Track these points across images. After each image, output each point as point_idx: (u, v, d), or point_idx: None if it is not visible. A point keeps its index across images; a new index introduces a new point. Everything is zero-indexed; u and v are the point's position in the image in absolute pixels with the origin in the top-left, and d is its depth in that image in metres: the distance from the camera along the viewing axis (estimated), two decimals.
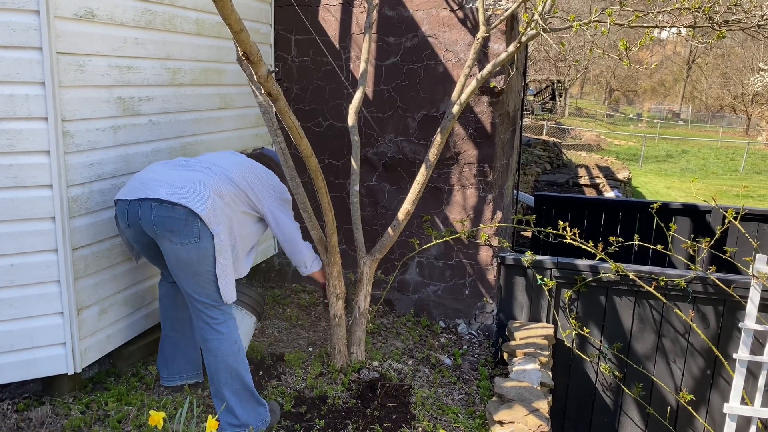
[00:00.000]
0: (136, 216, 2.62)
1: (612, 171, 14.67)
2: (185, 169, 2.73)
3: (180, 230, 2.54)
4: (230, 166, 2.82)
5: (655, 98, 49.66)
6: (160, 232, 2.58)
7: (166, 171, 2.71)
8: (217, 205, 2.63)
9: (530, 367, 3.44)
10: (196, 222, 2.54)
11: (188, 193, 2.58)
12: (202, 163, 2.80)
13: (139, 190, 2.62)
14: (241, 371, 2.71)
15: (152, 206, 2.57)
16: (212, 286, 2.64)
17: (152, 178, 2.66)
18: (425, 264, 4.27)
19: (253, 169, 2.91)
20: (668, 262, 5.64)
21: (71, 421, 2.66)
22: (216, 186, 2.67)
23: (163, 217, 2.56)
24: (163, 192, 2.57)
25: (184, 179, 2.65)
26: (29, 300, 2.65)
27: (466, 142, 4.02)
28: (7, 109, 2.48)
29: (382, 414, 3.00)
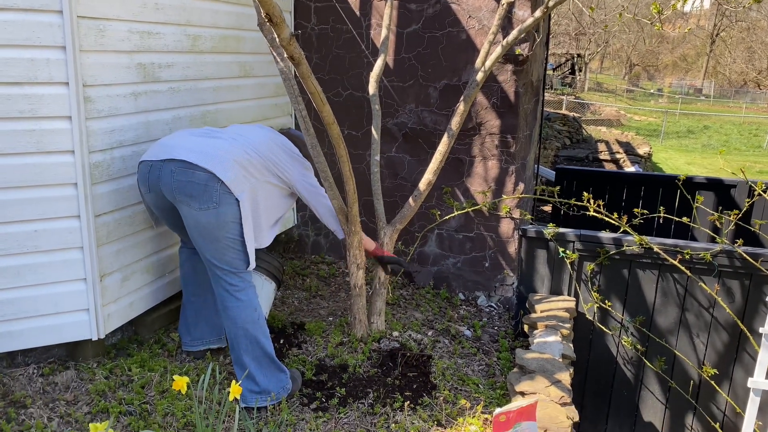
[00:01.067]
0: (157, 180, 2.62)
1: (632, 146, 14.46)
2: (210, 137, 2.73)
3: (199, 195, 2.53)
4: (257, 137, 2.82)
5: (676, 73, 48.73)
6: (179, 197, 2.57)
7: (191, 138, 2.71)
8: (240, 173, 2.62)
9: (551, 339, 3.41)
10: (215, 187, 2.54)
11: (211, 159, 2.57)
12: (228, 133, 2.80)
13: (163, 152, 2.62)
14: (261, 338, 2.71)
15: (173, 171, 2.57)
16: (231, 252, 2.63)
17: (176, 144, 2.66)
18: (445, 236, 4.23)
19: (279, 142, 2.90)
20: (691, 237, 5.55)
21: (96, 386, 2.68)
22: (239, 155, 2.66)
23: (183, 182, 2.55)
24: (186, 155, 2.57)
25: (209, 146, 2.64)
26: (53, 266, 2.66)
27: (488, 112, 3.95)
28: (28, 74, 2.46)
29: (402, 383, 3.00)
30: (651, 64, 47.87)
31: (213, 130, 2.82)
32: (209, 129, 2.84)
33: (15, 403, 2.54)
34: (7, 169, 2.51)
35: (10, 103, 2.46)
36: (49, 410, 2.52)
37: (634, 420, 4.09)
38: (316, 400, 2.81)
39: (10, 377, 2.69)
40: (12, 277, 2.60)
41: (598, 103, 27.36)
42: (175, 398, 2.66)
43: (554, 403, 2.81)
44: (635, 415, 4.08)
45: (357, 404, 2.80)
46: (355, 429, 2.64)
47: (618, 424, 4.13)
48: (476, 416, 2.82)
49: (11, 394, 2.59)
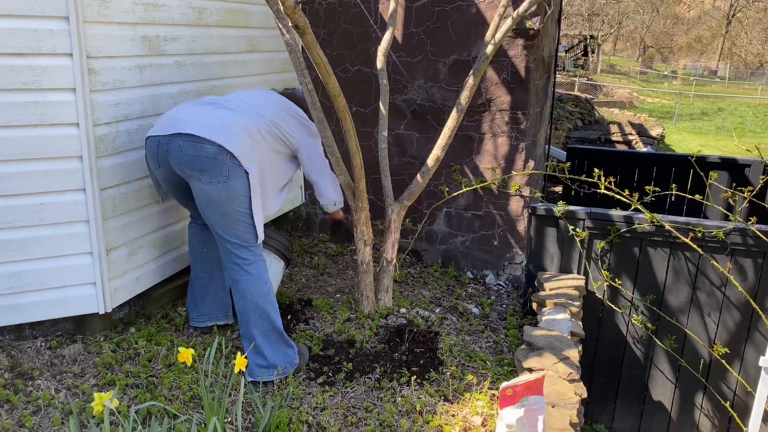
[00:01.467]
0: (165, 155, 2.59)
1: (645, 128, 14.28)
2: (215, 107, 2.69)
3: (209, 169, 2.51)
4: (261, 103, 2.79)
5: (691, 55, 48.03)
6: (189, 172, 2.55)
7: (196, 109, 2.68)
8: (248, 144, 2.59)
9: (560, 316, 3.38)
10: (224, 161, 2.51)
11: (218, 131, 2.55)
12: (232, 101, 2.75)
13: (170, 126, 2.59)
14: (270, 312, 2.70)
15: (181, 145, 2.54)
16: (242, 226, 2.62)
17: (182, 117, 2.62)
18: (453, 215, 4.20)
19: (284, 106, 2.87)
20: (703, 217, 5.48)
21: (103, 359, 2.69)
22: (246, 124, 2.64)
23: (192, 156, 2.53)
24: (194, 128, 2.53)
25: (215, 117, 2.62)
26: (59, 239, 2.66)
27: (498, 88, 3.89)
28: (32, 45, 2.44)
29: (410, 359, 2.98)
30: (665, 46, 47.21)
31: (217, 99, 2.79)
32: (213, 98, 2.81)
33: (23, 374, 2.55)
34: (11, 141, 2.49)
35: (14, 74, 2.44)
36: (57, 382, 2.53)
37: (643, 399, 4.07)
38: (323, 375, 2.80)
39: (17, 349, 2.71)
40: (18, 250, 2.60)
41: (610, 85, 27.04)
42: (181, 371, 2.67)
43: (562, 379, 2.79)
44: (644, 394, 4.06)
45: (364, 379, 2.80)
46: (361, 403, 2.63)
47: (627, 403, 4.11)
48: (483, 392, 2.80)
49: (19, 366, 2.60)
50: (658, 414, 4.07)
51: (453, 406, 2.69)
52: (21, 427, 2.26)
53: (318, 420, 2.47)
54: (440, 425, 2.54)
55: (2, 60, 2.40)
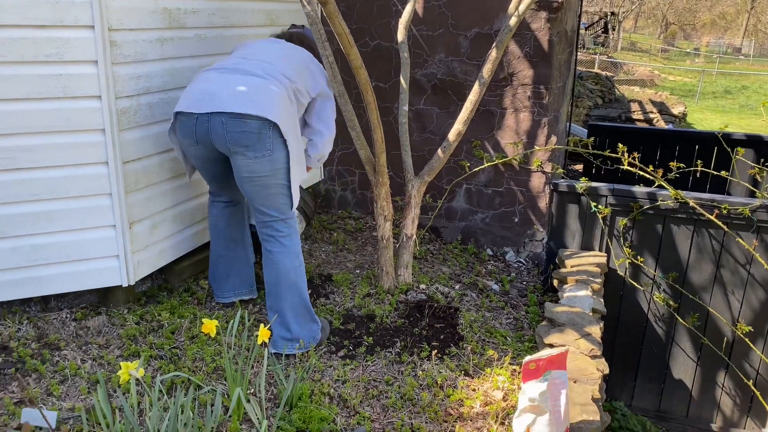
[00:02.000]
0: (207, 133, 2.53)
1: (666, 106, 14.07)
2: (245, 74, 2.60)
3: (254, 144, 2.49)
4: (282, 61, 2.72)
5: (714, 32, 47.01)
6: (234, 148, 2.52)
7: (228, 79, 2.58)
8: (285, 112, 2.57)
9: (582, 293, 3.36)
10: (268, 134, 2.50)
11: (258, 104, 2.49)
12: (256, 64, 2.66)
13: (206, 102, 2.51)
14: (301, 286, 2.72)
15: (224, 122, 2.48)
16: (280, 198, 2.63)
17: (217, 91, 2.53)
18: (473, 191, 4.17)
19: (302, 61, 2.82)
20: (727, 194, 5.39)
21: (127, 331, 2.72)
22: (280, 92, 2.59)
23: (237, 133, 2.49)
24: (234, 104, 2.47)
25: (251, 88, 2.53)
26: (83, 212, 2.68)
27: (521, 62, 3.83)
28: (54, 17, 2.43)
29: (429, 334, 2.99)
30: (688, 23, 46.22)
31: (242, 63, 2.67)
32: (237, 61, 2.70)
33: (49, 345, 2.59)
34: (35, 114, 2.50)
35: (36, 46, 2.44)
36: (82, 353, 2.57)
37: (664, 377, 4.05)
38: (344, 348, 2.81)
39: (44, 321, 2.74)
40: (44, 223, 2.63)
41: (631, 63, 26.58)
42: (204, 344, 2.69)
43: (584, 355, 2.77)
44: (665, 372, 4.03)
45: (384, 353, 2.80)
46: (382, 376, 2.64)
47: (647, 381, 4.10)
48: (504, 367, 2.80)
49: (46, 336, 2.64)
50: (678, 392, 4.05)
51: (474, 381, 2.69)
52: (49, 395, 2.30)
53: (339, 392, 2.49)
54: (461, 399, 2.54)
55: (25, 32, 2.40)
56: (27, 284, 2.67)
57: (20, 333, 2.65)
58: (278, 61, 2.71)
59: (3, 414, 2.17)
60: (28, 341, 2.60)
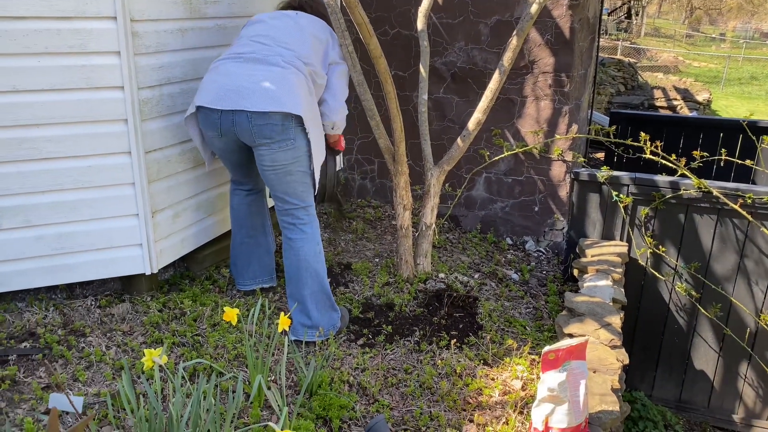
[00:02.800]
0: (231, 126, 2.58)
1: (690, 93, 13.82)
2: (264, 64, 2.60)
3: (277, 135, 2.55)
4: (298, 43, 2.70)
5: (741, 16, 45.95)
6: (259, 140, 2.57)
7: (248, 72, 2.58)
8: (306, 101, 2.60)
9: (602, 283, 3.34)
10: (291, 125, 2.55)
11: (282, 97, 2.52)
12: (273, 50, 2.66)
13: (231, 99, 2.53)
14: (321, 273, 2.75)
15: (249, 116, 2.52)
16: (301, 186, 2.68)
17: (240, 85, 2.54)
18: (493, 180, 4.15)
19: (315, 36, 2.76)
20: (752, 184, 5.30)
21: (150, 318, 2.77)
22: (299, 79, 2.61)
23: (261, 126, 2.53)
24: (259, 103, 2.51)
25: (273, 79, 2.55)
26: (106, 201, 2.72)
27: (542, 49, 3.79)
28: (76, 8, 2.46)
29: (448, 323, 2.99)
30: (714, 7, 45.23)
31: (259, 49, 2.66)
32: (254, 47, 2.67)
33: (75, 331, 2.64)
34: (59, 104, 2.54)
35: (60, 38, 2.47)
36: (107, 339, 2.62)
37: (685, 368, 4.01)
38: (363, 337, 2.83)
39: (69, 308, 2.80)
40: (68, 212, 2.67)
41: (654, 49, 26.13)
42: (226, 331, 2.73)
43: (604, 345, 2.76)
44: (686, 363, 4.00)
45: (403, 341, 2.82)
46: (401, 365, 2.66)
47: (667, 371, 4.07)
48: (523, 357, 2.80)
49: (71, 323, 2.69)
50: (699, 383, 4.02)
51: (492, 370, 2.70)
52: (75, 381, 2.35)
53: (359, 380, 2.51)
54: (480, 388, 2.55)
55: (49, 23, 2.44)
56: (52, 272, 2.72)
57: (47, 320, 2.70)
58: (294, 43, 2.69)
59: (31, 398, 2.22)
60: (55, 328, 2.65)
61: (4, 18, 2.36)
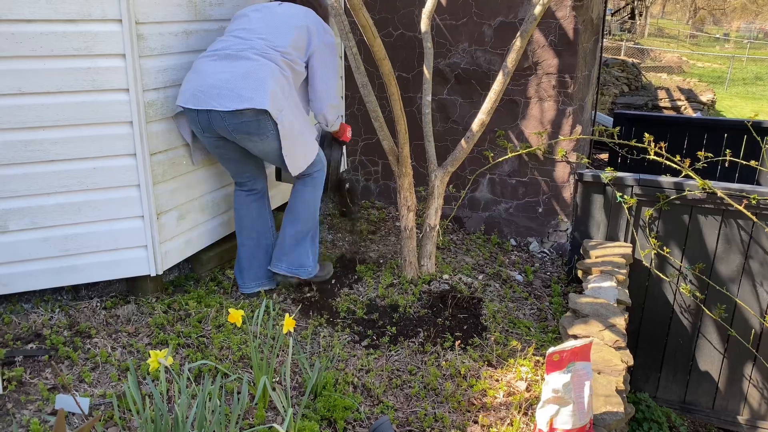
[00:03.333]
0: (209, 124, 2.71)
1: (694, 93, 13.80)
2: (234, 59, 2.68)
3: (255, 130, 2.68)
4: (274, 32, 2.76)
5: (745, 16, 45.84)
6: (238, 136, 2.71)
7: (217, 69, 2.67)
8: (278, 92, 2.68)
9: (606, 284, 3.34)
10: (265, 118, 2.65)
11: (249, 92, 2.61)
12: (247, 43, 2.72)
13: (201, 100, 2.64)
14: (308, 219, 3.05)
15: (222, 116, 2.64)
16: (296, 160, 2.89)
17: (209, 84, 2.64)
18: (497, 181, 4.15)
19: (297, 27, 2.80)
20: (757, 185, 5.29)
21: (155, 319, 2.78)
22: (270, 70, 2.67)
23: (236, 123, 2.66)
24: (226, 102, 2.61)
25: (240, 76, 2.63)
26: (111, 203, 2.73)
27: (545, 51, 3.79)
28: (82, 11, 2.47)
29: (453, 324, 3.00)
30: (717, 7, 45.14)
31: (236, 44, 2.73)
32: (232, 41, 2.74)
33: (81, 333, 2.65)
34: (65, 107, 2.55)
35: (66, 40, 2.48)
36: (112, 340, 2.63)
37: (689, 369, 4.01)
38: (368, 338, 2.84)
39: (75, 309, 2.81)
40: (74, 214, 2.68)
41: (658, 49, 26.09)
42: (230, 332, 2.73)
43: (608, 346, 2.76)
44: (690, 364, 3.99)
45: (408, 342, 2.82)
46: (405, 366, 2.66)
47: (672, 373, 4.06)
48: (527, 358, 2.80)
49: (77, 324, 2.70)
50: (704, 384, 4.01)
51: (497, 371, 2.70)
52: (81, 382, 2.36)
53: (363, 381, 2.51)
54: (484, 389, 2.55)
55: (55, 26, 2.45)
56: (58, 273, 2.74)
57: (53, 321, 2.72)
58: (270, 33, 2.76)
59: (38, 399, 2.23)
60: (61, 329, 2.67)
61: (10, 21, 2.38)
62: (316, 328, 2.89)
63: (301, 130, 2.84)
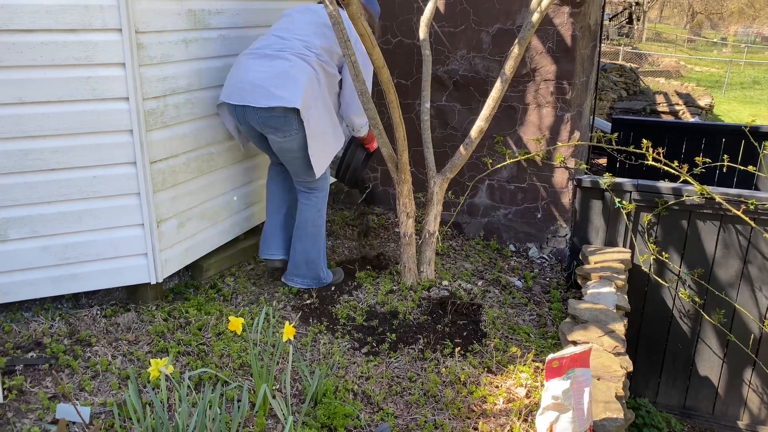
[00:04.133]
0: (244, 117, 2.95)
1: (692, 98, 13.80)
2: (271, 58, 2.88)
3: (281, 127, 2.88)
4: (311, 34, 2.94)
5: (742, 21, 45.98)
6: (266, 130, 2.93)
7: (255, 67, 2.87)
8: (309, 91, 2.86)
9: (605, 290, 3.34)
10: (293, 116, 2.84)
11: (281, 91, 2.80)
12: (285, 43, 2.92)
13: (238, 95, 2.88)
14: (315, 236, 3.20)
15: (255, 111, 2.87)
16: (310, 169, 3.04)
17: (246, 80, 2.86)
18: (496, 187, 4.16)
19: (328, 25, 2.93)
20: (755, 189, 5.31)
21: (155, 327, 2.78)
22: (304, 71, 2.86)
23: (266, 118, 2.88)
24: (260, 99, 2.82)
25: (275, 75, 2.83)
26: (112, 211, 2.74)
27: (543, 57, 3.81)
28: (83, 20, 2.49)
29: (452, 330, 3.00)
30: (715, 12, 45.28)
31: (275, 44, 2.93)
32: (272, 41, 2.95)
33: (81, 341, 2.66)
34: (65, 116, 2.56)
35: (66, 50, 2.49)
36: (113, 349, 2.63)
37: (689, 374, 4.01)
38: (367, 345, 2.84)
39: (75, 317, 2.82)
40: (74, 222, 2.69)
41: (656, 54, 26.17)
42: (230, 340, 2.74)
43: (607, 352, 2.77)
44: (690, 369, 4.00)
45: (407, 349, 2.83)
46: (405, 373, 2.67)
47: (672, 378, 4.07)
48: (527, 364, 2.80)
49: (77, 333, 2.71)
50: (704, 389, 4.01)
51: (496, 378, 2.70)
52: (81, 390, 2.36)
53: (363, 389, 2.52)
54: (484, 396, 2.55)
55: (56, 36, 2.46)
56: (59, 282, 2.74)
57: (53, 329, 2.72)
58: (308, 34, 2.96)
59: (38, 408, 2.23)
60: (61, 337, 2.67)
61: (11, 31, 2.39)
62: (316, 335, 2.89)
63: (325, 130, 3.00)
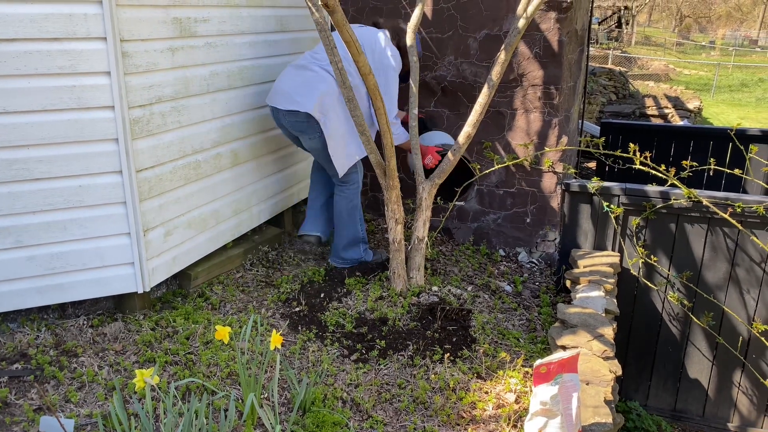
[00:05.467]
0: (277, 119, 3.37)
1: (681, 101, 13.90)
2: (302, 69, 3.27)
3: (305, 129, 3.25)
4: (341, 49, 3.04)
5: (730, 24, 46.40)
6: (295, 132, 3.33)
7: (288, 76, 3.29)
8: (324, 101, 3.17)
9: (594, 294, 3.35)
10: (314, 121, 3.19)
11: (300, 98, 3.16)
12: (318, 55, 3.27)
13: (271, 99, 3.31)
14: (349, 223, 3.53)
15: (283, 114, 3.26)
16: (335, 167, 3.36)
17: (278, 87, 3.28)
18: (485, 192, 4.17)
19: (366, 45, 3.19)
20: (743, 192, 5.34)
21: (142, 337, 2.76)
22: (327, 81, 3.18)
23: (293, 122, 3.26)
24: (285, 103, 3.22)
25: (298, 84, 3.21)
26: (98, 220, 2.72)
27: (530, 63, 3.82)
28: (67, 29, 2.48)
29: (442, 336, 3.00)
30: (703, 15, 45.68)
31: (310, 57, 3.32)
32: (308, 54, 3.34)
33: (67, 352, 2.64)
34: (50, 125, 2.55)
35: (50, 59, 2.48)
36: (99, 359, 2.61)
37: (679, 376, 4.02)
38: (357, 352, 2.83)
39: (62, 328, 2.79)
40: (59, 231, 2.67)
41: (645, 57, 26.33)
42: (218, 349, 2.72)
43: (597, 357, 2.77)
44: (680, 372, 4.01)
45: (397, 356, 2.82)
46: (395, 380, 2.66)
47: (662, 381, 4.08)
48: (516, 369, 2.80)
49: (63, 343, 2.68)
50: (694, 392, 4.03)
51: (486, 384, 2.70)
52: (67, 402, 2.34)
53: (352, 396, 2.51)
54: (473, 402, 2.55)
55: (39, 45, 2.45)
56: (45, 292, 2.72)
57: (39, 340, 2.70)
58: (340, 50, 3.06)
59: (23, 421, 2.21)
60: (47, 348, 2.65)
61: None
62: (305, 342, 2.88)
63: (344, 134, 3.30)
